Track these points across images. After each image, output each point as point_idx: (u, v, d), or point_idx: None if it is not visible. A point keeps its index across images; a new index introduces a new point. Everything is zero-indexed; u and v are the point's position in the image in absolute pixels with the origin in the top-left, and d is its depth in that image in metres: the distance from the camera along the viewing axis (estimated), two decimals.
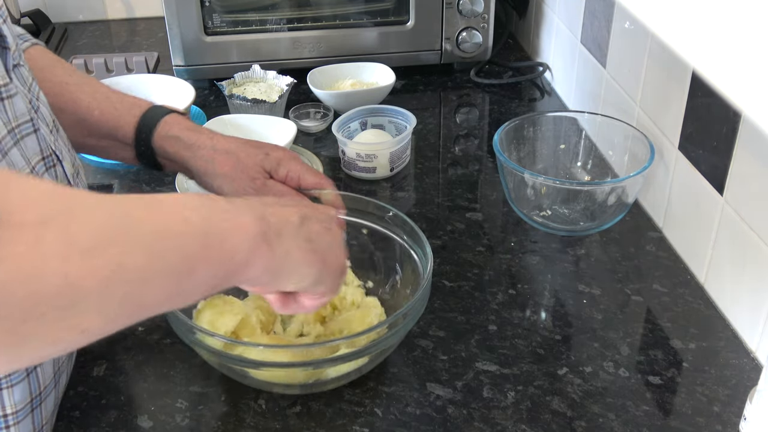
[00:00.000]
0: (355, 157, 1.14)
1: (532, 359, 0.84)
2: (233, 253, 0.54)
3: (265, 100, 1.26)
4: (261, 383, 0.78)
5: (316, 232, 0.63)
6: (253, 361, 0.75)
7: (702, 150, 0.91)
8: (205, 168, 0.84)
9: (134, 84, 1.30)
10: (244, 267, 0.55)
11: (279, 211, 0.61)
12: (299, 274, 0.62)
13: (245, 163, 0.84)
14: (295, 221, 0.62)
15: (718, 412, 0.77)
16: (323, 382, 0.78)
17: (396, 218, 0.87)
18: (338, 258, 0.66)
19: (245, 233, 0.55)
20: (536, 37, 1.51)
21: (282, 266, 0.59)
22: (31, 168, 0.68)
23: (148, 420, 0.77)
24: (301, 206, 0.66)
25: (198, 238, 0.51)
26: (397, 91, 1.40)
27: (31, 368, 0.69)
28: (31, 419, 0.70)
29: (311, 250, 0.62)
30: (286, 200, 0.69)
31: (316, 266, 0.63)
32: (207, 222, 0.52)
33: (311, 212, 0.66)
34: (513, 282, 0.95)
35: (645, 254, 1.00)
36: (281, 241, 0.59)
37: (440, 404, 0.78)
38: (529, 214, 1.04)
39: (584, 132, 1.12)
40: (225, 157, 0.84)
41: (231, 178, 0.83)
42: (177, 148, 0.85)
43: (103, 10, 1.77)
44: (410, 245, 0.86)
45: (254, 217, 0.56)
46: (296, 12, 1.41)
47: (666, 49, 0.97)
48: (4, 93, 0.65)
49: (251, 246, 0.55)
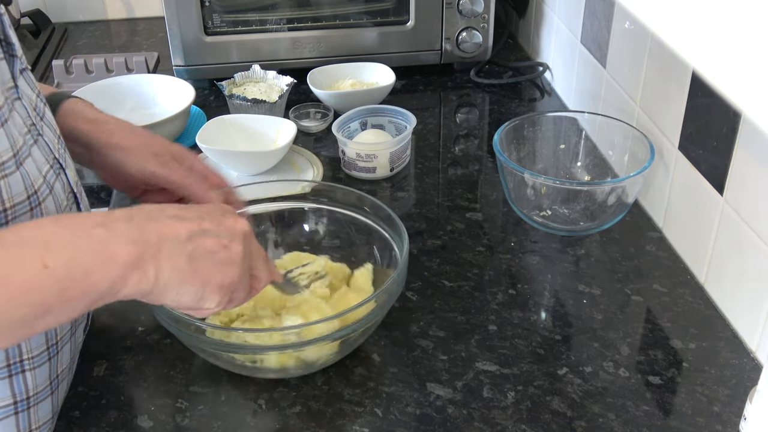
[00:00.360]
0: (355, 157, 1.14)
1: (532, 359, 0.84)
2: (98, 285, 0.56)
3: (265, 100, 1.26)
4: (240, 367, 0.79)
5: (205, 250, 0.63)
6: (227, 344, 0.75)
7: (702, 150, 0.91)
8: (107, 140, 0.81)
9: (134, 84, 1.31)
10: (112, 293, 0.58)
11: (166, 226, 0.61)
12: (176, 293, 0.62)
13: (151, 141, 0.83)
14: (181, 237, 0.62)
15: (718, 412, 0.77)
16: (309, 363, 0.79)
17: (374, 206, 0.89)
18: (226, 275, 0.65)
19: (114, 263, 0.57)
20: (536, 37, 1.51)
21: (154, 287, 0.60)
22: (42, 177, 0.68)
23: (148, 420, 0.77)
24: (202, 220, 0.64)
25: (55, 285, 0.54)
26: (397, 91, 1.40)
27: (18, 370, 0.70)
28: (15, 422, 0.71)
29: (192, 269, 0.62)
30: (191, 210, 0.66)
31: (195, 285, 0.63)
32: (69, 264, 0.55)
33: (211, 227, 0.64)
34: (513, 282, 0.95)
35: (645, 254, 1.00)
36: (157, 261, 0.59)
37: (440, 404, 0.78)
38: (529, 214, 1.04)
39: (584, 132, 1.12)
40: (130, 133, 0.83)
41: (134, 152, 0.81)
42: (79, 122, 0.82)
43: (103, 10, 1.77)
44: (389, 232, 0.87)
45: (129, 242, 0.58)
46: (296, 12, 1.41)
47: (666, 49, 0.97)
48: (6, 113, 0.65)
49: (120, 274, 0.57)
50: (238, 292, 0.67)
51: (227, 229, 0.66)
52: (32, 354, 0.69)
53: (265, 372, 0.80)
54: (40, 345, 0.70)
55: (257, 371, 0.79)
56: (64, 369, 0.76)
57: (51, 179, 0.69)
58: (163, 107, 1.28)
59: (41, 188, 0.67)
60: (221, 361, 0.79)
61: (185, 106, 1.21)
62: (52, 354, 0.72)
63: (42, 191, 0.67)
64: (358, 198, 0.91)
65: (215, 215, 0.66)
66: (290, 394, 0.80)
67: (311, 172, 1.15)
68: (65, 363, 0.76)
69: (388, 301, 0.78)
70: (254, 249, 0.69)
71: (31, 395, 0.71)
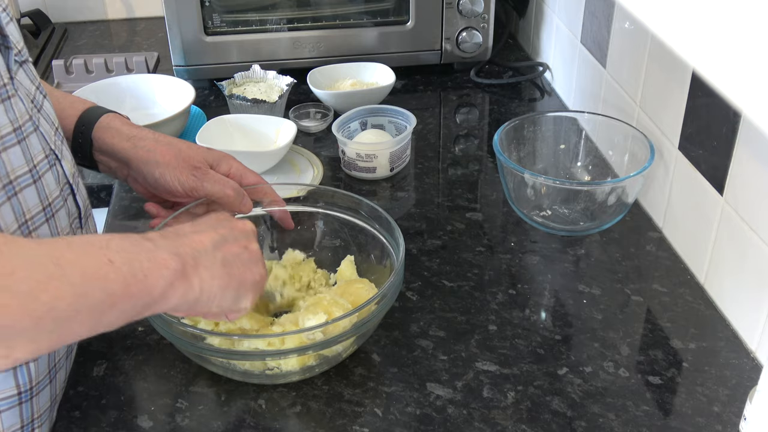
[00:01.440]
0: (355, 157, 1.14)
1: (532, 359, 0.84)
2: (152, 288, 0.60)
3: (265, 100, 1.26)
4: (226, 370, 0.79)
5: (232, 254, 0.69)
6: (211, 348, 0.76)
7: (702, 150, 0.91)
8: (147, 157, 0.85)
9: (134, 84, 1.31)
10: (162, 299, 0.62)
11: (192, 240, 0.66)
12: (219, 298, 0.67)
13: (187, 153, 0.86)
14: (208, 247, 0.67)
15: (718, 412, 0.77)
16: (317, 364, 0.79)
17: (372, 211, 0.89)
18: (255, 273, 0.71)
19: (165, 269, 0.61)
20: (536, 37, 1.51)
21: (200, 295, 0.65)
22: (33, 166, 0.68)
23: (148, 420, 0.77)
24: (216, 229, 0.69)
25: (120, 277, 0.58)
26: (397, 91, 1.40)
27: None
28: (19, 411, 0.71)
29: (227, 274, 0.67)
30: (201, 223, 0.71)
31: (233, 287, 0.68)
32: (129, 263, 0.59)
33: (227, 232, 0.70)
34: (513, 282, 0.95)
35: (645, 254, 1.00)
36: (198, 271, 0.64)
37: (440, 404, 0.78)
38: (529, 214, 1.04)
39: (584, 132, 1.12)
40: (167, 147, 0.86)
41: (173, 167, 0.85)
42: (117, 139, 0.86)
43: (103, 10, 1.77)
44: (385, 236, 0.87)
45: (172, 254, 0.62)
46: (296, 12, 1.41)
47: (666, 49, 0.97)
48: (4, 94, 0.66)
49: (170, 280, 0.61)
50: (262, 285, 0.72)
51: (241, 232, 0.71)
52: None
53: (287, 376, 0.79)
54: None
55: (278, 378, 0.79)
56: (61, 358, 0.77)
57: (42, 169, 0.70)
58: (163, 107, 1.28)
59: (21, 178, 0.68)
60: (238, 374, 0.79)
61: (185, 106, 1.21)
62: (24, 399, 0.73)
63: (21, 180, 0.68)
64: (354, 201, 0.91)
65: (224, 223, 0.71)
66: (290, 394, 0.80)
67: (311, 172, 1.15)
68: (62, 352, 0.77)
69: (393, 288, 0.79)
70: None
71: (33, 385, 0.72)
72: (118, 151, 0.86)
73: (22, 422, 0.72)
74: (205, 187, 0.84)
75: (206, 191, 0.84)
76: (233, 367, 0.77)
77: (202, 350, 0.75)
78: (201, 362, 0.79)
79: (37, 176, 0.69)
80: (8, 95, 0.67)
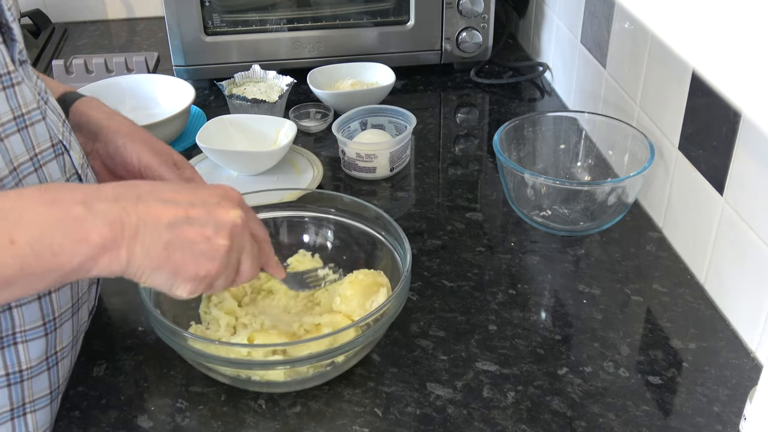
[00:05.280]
0: (355, 157, 1.14)
1: (532, 359, 0.84)
2: (65, 264, 0.57)
3: (265, 100, 1.26)
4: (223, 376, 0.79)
5: (184, 239, 0.63)
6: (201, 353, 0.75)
7: (702, 150, 0.91)
8: (117, 128, 0.85)
9: (134, 84, 1.31)
10: (81, 272, 0.59)
11: (149, 210, 0.61)
12: (148, 277, 0.63)
13: (156, 142, 0.86)
14: (163, 222, 0.62)
15: (718, 412, 0.77)
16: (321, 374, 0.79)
17: (380, 218, 0.88)
18: (202, 267, 0.64)
19: (85, 244, 0.58)
20: (536, 37, 1.51)
21: (127, 268, 0.61)
22: (34, 154, 0.69)
23: (148, 420, 0.77)
24: (192, 206, 0.64)
25: (17, 261, 0.56)
26: (397, 91, 1.40)
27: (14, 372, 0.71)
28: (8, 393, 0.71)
29: (165, 257, 0.62)
30: (186, 192, 0.66)
31: (167, 272, 0.63)
32: (37, 241, 0.56)
33: (199, 214, 0.64)
34: (513, 282, 0.95)
35: (645, 254, 1.00)
36: (132, 245, 0.60)
37: (440, 404, 0.78)
38: (529, 214, 1.04)
39: (584, 132, 1.12)
40: (137, 129, 0.86)
41: (138, 142, 0.84)
42: (96, 112, 0.86)
43: (103, 10, 1.77)
44: (392, 243, 0.87)
45: (105, 223, 0.59)
46: (296, 12, 1.42)
47: (666, 49, 0.97)
48: (7, 81, 0.67)
49: (89, 255, 0.58)
50: (218, 282, 0.67)
51: (216, 220, 0.64)
52: (25, 327, 0.69)
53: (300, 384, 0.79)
54: (35, 320, 0.70)
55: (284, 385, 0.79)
56: (65, 347, 0.75)
57: (46, 158, 0.70)
58: (163, 107, 1.28)
59: (23, 165, 0.68)
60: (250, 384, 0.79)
61: (185, 106, 1.21)
62: (49, 330, 0.71)
63: (23, 168, 0.67)
64: (362, 207, 0.90)
65: (210, 202, 0.65)
66: (290, 394, 0.80)
67: (311, 172, 1.15)
68: (66, 341, 0.75)
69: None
70: (245, 243, 0.68)
71: (24, 368, 0.70)
72: (93, 120, 0.85)
73: (12, 405, 0.71)
74: (161, 170, 0.82)
75: (161, 175, 0.82)
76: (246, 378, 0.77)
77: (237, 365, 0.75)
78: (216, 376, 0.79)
79: (38, 164, 0.70)
80: (11, 83, 0.67)
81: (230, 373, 0.76)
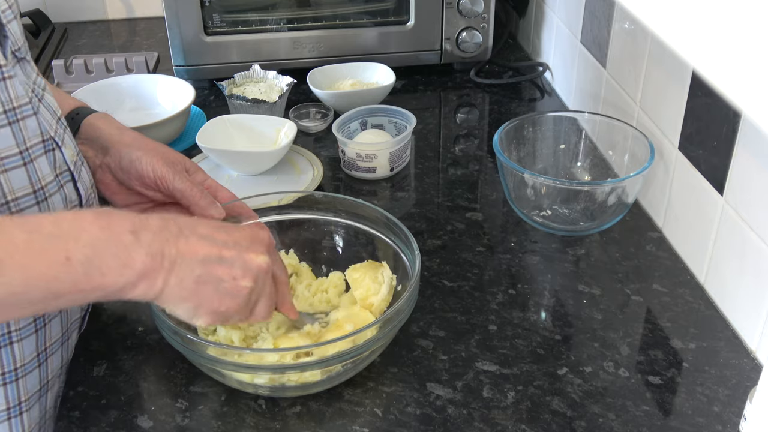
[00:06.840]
0: (355, 157, 1.14)
1: (532, 359, 0.84)
2: (109, 285, 0.61)
3: (265, 100, 1.26)
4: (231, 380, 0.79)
5: (213, 275, 0.67)
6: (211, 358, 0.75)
7: (702, 150, 0.91)
8: (129, 141, 0.87)
9: (134, 84, 1.31)
10: (121, 293, 0.63)
11: (188, 245, 0.65)
12: (174, 306, 0.67)
13: (169, 152, 0.88)
14: (198, 257, 0.66)
15: (718, 412, 0.77)
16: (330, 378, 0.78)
17: (388, 221, 0.88)
18: (224, 305, 0.68)
19: (129, 270, 0.62)
20: (536, 37, 1.51)
21: (159, 296, 0.65)
22: (25, 148, 0.70)
23: (148, 420, 0.77)
24: (226, 247, 0.68)
25: (70, 278, 0.59)
26: (397, 91, 1.40)
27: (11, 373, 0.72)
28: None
29: (194, 291, 0.66)
30: (224, 231, 0.70)
31: (193, 304, 0.67)
32: (90, 261, 0.60)
33: (232, 256, 0.68)
34: (513, 282, 0.95)
35: (645, 254, 1.00)
36: (168, 275, 0.64)
37: (440, 404, 0.78)
38: (529, 214, 1.04)
39: (584, 132, 1.12)
40: (151, 141, 0.88)
41: (152, 155, 0.85)
42: (108, 127, 0.88)
43: (103, 10, 1.77)
44: (400, 247, 0.87)
45: (148, 253, 0.63)
46: (296, 12, 1.42)
47: (666, 49, 0.97)
48: (3, 74, 0.68)
49: (131, 281, 0.62)
50: (233, 318, 0.71)
51: (244, 262, 0.69)
52: (19, 326, 0.72)
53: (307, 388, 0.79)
54: (27, 318, 0.72)
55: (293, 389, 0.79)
56: (54, 342, 0.77)
57: (36, 153, 0.71)
58: (163, 107, 1.28)
59: (8, 159, 0.69)
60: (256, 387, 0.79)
61: (185, 106, 1.21)
62: (39, 326, 0.74)
63: (7, 162, 0.68)
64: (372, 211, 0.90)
65: (242, 245, 0.70)
66: (289, 395, 0.80)
67: (311, 172, 1.15)
68: (55, 336, 0.77)
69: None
70: (266, 287, 0.72)
71: (18, 366, 0.72)
72: (105, 134, 0.87)
73: (8, 404, 0.73)
74: (175, 180, 0.84)
75: (175, 185, 0.84)
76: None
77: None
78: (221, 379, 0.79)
79: (28, 158, 0.70)
80: (2, 77, 0.68)
81: (265, 382, 0.76)
